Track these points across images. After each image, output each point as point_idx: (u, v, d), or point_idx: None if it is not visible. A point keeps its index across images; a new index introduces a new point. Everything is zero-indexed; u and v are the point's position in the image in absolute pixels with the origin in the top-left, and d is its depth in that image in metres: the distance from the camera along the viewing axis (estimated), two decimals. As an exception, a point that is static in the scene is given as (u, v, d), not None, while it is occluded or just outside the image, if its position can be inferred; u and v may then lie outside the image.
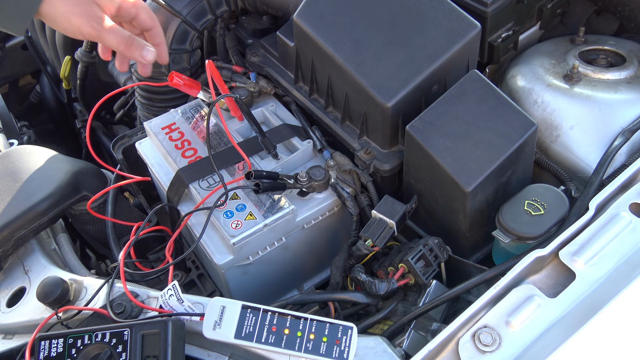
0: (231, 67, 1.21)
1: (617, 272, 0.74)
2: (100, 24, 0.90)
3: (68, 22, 0.90)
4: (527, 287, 0.74)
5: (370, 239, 0.90)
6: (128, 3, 0.96)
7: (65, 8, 0.88)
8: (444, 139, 0.87)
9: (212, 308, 0.76)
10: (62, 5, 0.88)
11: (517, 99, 1.02)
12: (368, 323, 0.86)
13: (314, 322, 0.75)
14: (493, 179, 0.86)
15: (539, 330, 0.71)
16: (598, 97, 0.95)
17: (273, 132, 1.07)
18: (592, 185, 0.84)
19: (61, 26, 0.91)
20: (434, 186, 0.90)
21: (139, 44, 0.94)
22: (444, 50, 0.92)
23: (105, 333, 0.75)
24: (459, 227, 0.90)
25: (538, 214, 0.83)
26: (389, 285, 0.85)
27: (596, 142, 0.92)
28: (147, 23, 0.98)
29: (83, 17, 0.89)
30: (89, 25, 0.90)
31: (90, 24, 0.90)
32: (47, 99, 1.85)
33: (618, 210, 0.77)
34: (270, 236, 0.96)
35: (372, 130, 0.98)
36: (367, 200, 1.00)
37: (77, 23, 0.89)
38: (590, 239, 0.76)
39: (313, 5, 1.01)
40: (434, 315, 0.87)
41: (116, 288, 0.87)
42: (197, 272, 1.15)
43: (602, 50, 1.05)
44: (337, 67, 0.97)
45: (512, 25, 1.07)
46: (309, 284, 1.12)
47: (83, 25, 0.89)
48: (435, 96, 0.92)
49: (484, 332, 0.72)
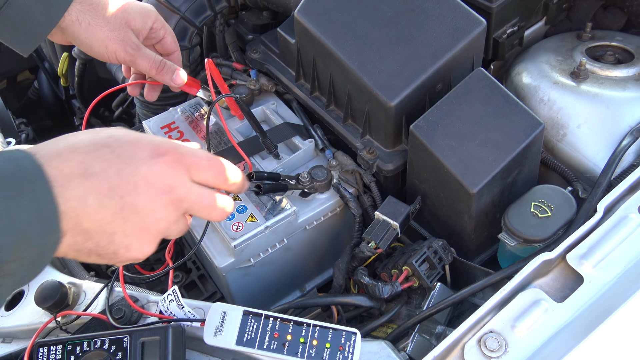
0: (231, 65, 1.19)
1: (626, 276, 0.72)
2: (135, 49, 0.92)
3: (104, 48, 0.91)
4: (534, 291, 0.73)
5: (374, 241, 0.88)
6: (158, 25, 0.97)
7: (102, 34, 0.90)
8: (448, 139, 0.85)
9: (213, 314, 0.75)
10: (100, 32, 0.90)
11: (523, 96, 1.00)
12: (372, 327, 0.85)
13: (317, 328, 0.74)
14: (499, 180, 0.84)
15: (546, 335, 0.70)
16: (606, 94, 0.93)
17: (274, 131, 1.05)
18: (600, 187, 0.82)
19: (96, 51, 0.93)
20: (439, 187, 0.88)
21: (170, 67, 0.96)
22: (449, 48, 0.90)
23: (104, 340, 0.74)
24: (464, 229, 0.89)
25: (545, 216, 0.82)
26: (392, 288, 0.84)
27: (604, 142, 0.91)
28: (171, 47, 1.01)
29: (119, 42, 0.91)
30: (123, 51, 0.91)
31: (125, 50, 0.91)
32: (45, 95, 1.83)
33: (627, 212, 0.76)
34: (272, 238, 0.95)
35: (375, 129, 0.96)
36: (370, 201, 0.98)
37: (113, 49, 0.91)
38: (598, 242, 0.74)
39: (314, 1, 0.99)
40: (438, 318, 0.86)
41: (116, 292, 0.86)
42: (197, 272, 1.14)
43: (609, 47, 1.03)
44: (339, 65, 0.95)
45: (518, 21, 1.04)
46: (311, 284, 1.11)
47: (119, 50, 0.91)
48: (439, 95, 0.90)
49: (490, 337, 0.71)
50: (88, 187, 0.56)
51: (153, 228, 0.61)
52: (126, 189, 0.59)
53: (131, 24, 0.92)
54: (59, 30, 0.90)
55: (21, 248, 0.51)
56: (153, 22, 0.96)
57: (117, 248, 0.60)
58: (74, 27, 0.89)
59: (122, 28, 0.91)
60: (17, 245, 0.50)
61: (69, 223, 0.55)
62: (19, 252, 0.51)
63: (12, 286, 0.53)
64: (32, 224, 0.51)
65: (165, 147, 0.63)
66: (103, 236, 0.58)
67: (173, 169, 0.63)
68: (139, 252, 0.62)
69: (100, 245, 0.58)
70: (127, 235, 0.60)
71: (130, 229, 0.60)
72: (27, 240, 0.51)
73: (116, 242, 0.59)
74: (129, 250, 0.61)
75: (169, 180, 0.62)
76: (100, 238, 0.58)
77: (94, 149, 0.58)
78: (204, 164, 0.66)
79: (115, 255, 0.60)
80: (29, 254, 0.52)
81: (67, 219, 0.54)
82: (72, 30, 0.90)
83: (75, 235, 0.56)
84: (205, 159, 0.66)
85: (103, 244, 0.58)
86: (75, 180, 0.55)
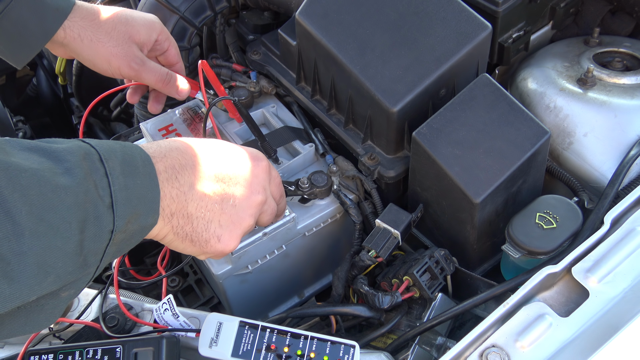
0: (231, 66, 1.17)
1: (633, 292, 0.70)
2: (139, 64, 0.91)
3: (108, 64, 0.91)
4: (538, 304, 0.71)
5: (374, 250, 0.86)
6: (162, 37, 0.96)
7: (105, 50, 0.89)
8: (452, 146, 0.83)
9: (209, 324, 0.73)
10: (103, 48, 0.89)
11: (528, 103, 0.98)
12: (371, 337, 0.83)
13: (315, 340, 0.72)
14: (503, 190, 0.82)
15: (550, 351, 0.68)
16: (613, 102, 0.91)
17: (273, 135, 1.03)
18: (607, 198, 0.80)
19: (100, 67, 0.92)
20: (441, 195, 0.86)
21: (175, 79, 0.96)
22: (453, 53, 0.88)
23: (97, 350, 0.72)
24: (467, 238, 0.87)
25: (550, 228, 0.80)
26: (393, 299, 0.82)
27: (611, 151, 0.89)
28: (175, 58, 1.00)
29: (122, 58, 0.90)
30: (128, 66, 0.91)
31: (129, 65, 0.91)
32: (44, 93, 1.81)
33: (634, 225, 0.74)
34: (270, 245, 0.93)
35: (377, 134, 0.94)
36: (371, 208, 0.96)
37: (116, 65, 0.91)
38: (604, 255, 0.72)
39: (316, 3, 0.97)
40: (439, 330, 0.84)
41: (110, 299, 0.84)
42: (194, 277, 1.12)
43: (617, 53, 1.01)
44: (341, 69, 0.93)
45: (524, 25, 1.02)
46: (310, 290, 1.09)
47: (122, 66, 0.91)
48: (443, 100, 0.88)
49: (492, 352, 0.69)
50: (198, 175, 0.65)
51: (244, 223, 0.70)
52: (229, 181, 0.68)
53: (135, 38, 0.91)
54: (61, 46, 0.90)
55: (131, 221, 0.57)
56: (158, 35, 0.95)
57: (210, 237, 0.67)
58: (76, 43, 0.88)
59: (126, 43, 0.90)
60: (129, 218, 0.57)
61: (178, 206, 0.63)
62: (128, 224, 0.57)
63: (113, 256, 0.59)
64: (142, 201, 0.58)
65: (261, 155, 0.75)
66: (201, 222, 0.65)
67: (266, 175, 0.74)
68: (226, 245, 0.68)
69: (197, 231, 0.66)
70: (221, 225, 0.67)
71: (225, 220, 0.67)
72: (136, 216, 0.58)
73: (210, 230, 0.66)
74: (220, 240, 0.67)
75: (263, 183, 0.72)
76: (199, 224, 0.65)
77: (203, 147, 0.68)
78: (278, 180, 0.79)
79: (206, 244, 0.67)
80: (133, 227, 0.58)
81: (176, 203, 0.63)
82: (74, 46, 0.89)
83: (180, 218, 0.64)
84: (279, 176, 0.79)
85: (199, 230, 0.66)
86: (188, 170, 0.64)
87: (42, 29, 0.85)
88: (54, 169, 0.52)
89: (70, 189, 0.52)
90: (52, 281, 0.51)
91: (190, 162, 0.65)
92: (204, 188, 0.65)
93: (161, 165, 0.62)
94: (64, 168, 0.52)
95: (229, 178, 0.68)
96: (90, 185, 0.54)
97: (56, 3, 0.86)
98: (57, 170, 0.52)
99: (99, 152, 0.56)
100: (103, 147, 0.57)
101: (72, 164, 0.53)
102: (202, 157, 0.67)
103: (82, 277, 0.55)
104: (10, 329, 0.52)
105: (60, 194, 0.51)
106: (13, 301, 0.49)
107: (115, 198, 0.55)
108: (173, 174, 0.63)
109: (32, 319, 0.53)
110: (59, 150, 0.54)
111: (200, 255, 0.70)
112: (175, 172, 0.63)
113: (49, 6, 0.85)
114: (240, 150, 0.73)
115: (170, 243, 0.67)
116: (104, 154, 0.56)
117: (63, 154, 0.54)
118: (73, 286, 0.55)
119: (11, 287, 0.48)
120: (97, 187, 0.54)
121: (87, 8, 0.90)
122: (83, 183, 0.53)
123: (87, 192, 0.53)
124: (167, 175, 0.62)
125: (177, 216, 0.64)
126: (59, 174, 0.52)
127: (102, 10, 0.91)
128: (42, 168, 0.51)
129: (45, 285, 0.51)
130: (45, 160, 0.52)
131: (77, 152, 0.55)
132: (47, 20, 0.85)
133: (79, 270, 0.54)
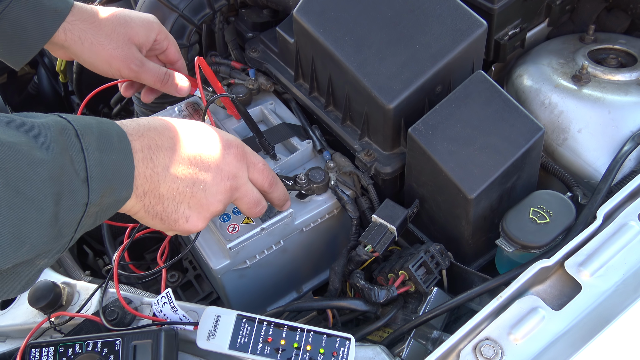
0: (229, 63, 1.18)
1: (624, 285, 0.71)
2: (139, 66, 0.93)
3: (108, 66, 0.92)
4: (531, 298, 0.72)
5: (370, 245, 0.87)
6: (161, 37, 0.97)
7: (106, 53, 0.90)
8: (447, 143, 0.84)
9: (207, 317, 0.74)
10: (103, 50, 0.90)
11: (524, 99, 0.99)
12: (367, 331, 0.84)
13: (311, 333, 0.73)
14: (497, 185, 0.83)
15: (543, 343, 0.69)
16: (608, 99, 0.92)
17: (272, 131, 1.04)
18: (600, 193, 0.81)
19: (100, 69, 0.93)
20: (437, 191, 0.87)
21: (174, 78, 0.97)
22: (449, 50, 0.89)
23: (96, 342, 0.73)
24: (462, 233, 0.88)
25: (543, 222, 0.81)
26: (388, 293, 0.83)
27: (605, 147, 0.89)
28: (175, 56, 1.01)
29: (122, 60, 0.91)
30: (127, 68, 0.92)
31: (129, 67, 0.92)
32: (45, 90, 1.82)
33: (626, 220, 0.75)
34: (268, 240, 0.94)
35: (374, 131, 0.95)
36: (368, 203, 0.97)
37: (116, 66, 0.92)
38: (597, 250, 0.73)
39: (314, 1, 0.98)
40: (434, 323, 0.85)
41: (110, 293, 0.85)
42: (194, 272, 1.13)
43: (612, 50, 1.01)
44: (338, 66, 0.94)
45: (520, 22, 1.03)
46: (308, 286, 1.10)
47: (122, 68, 0.92)
48: (438, 97, 0.89)
49: (486, 345, 0.70)
50: (172, 158, 0.67)
51: (212, 207, 0.72)
52: (201, 166, 0.70)
53: (134, 39, 0.92)
54: (61, 48, 0.90)
55: (105, 195, 0.59)
56: (156, 34, 0.96)
57: (179, 217, 0.69)
58: (76, 46, 0.89)
59: (125, 45, 0.91)
60: (104, 192, 0.59)
61: (151, 186, 0.65)
62: (103, 198, 0.59)
63: (87, 227, 0.61)
64: (117, 176, 0.60)
65: (234, 142, 0.75)
66: (172, 204, 0.68)
67: (239, 161, 0.74)
68: (194, 226, 0.71)
69: (167, 212, 0.68)
70: (190, 207, 0.70)
71: (194, 203, 0.70)
72: (111, 190, 0.60)
73: (179, 211, 0.69)
74: (187, 221, 0.70)
75: (234, 169, 0.73)
76: (169, 205, 0.68)
77: (180, 128, 0.69)
78: (260, 166, 0.79)
79: (174, 223, 0.70)
80: (107, 201, 0.60)
81: (149, 183, 0.65)
82: (74, 49, 0.90)
83: (151, 198, 0.66)
84: (261, 162, 0.79)
85: (169, 210, 0.68)
86: (163, 152, 0.66)
87: (40, 31, 0.86)
88: (31, 143, 0.53)
89: (46, 162, 0.53)
90: (27, 250, 0.54)
91: (166, 143, 0.67)
92: (177, 171, 0.67)
93: (138, 144, 0.64)
94: (40, 143, 0.54)
95: (202, 162, 0.70)
96: (66, 159, 0.55)
97: (54, 4, 0.86)
98: (33, 145, 0.53)
99: (75, 128, 0.57)
100: (79, 122, 0.58)
101: (48, 138, 0.55)
102: (178, 140, 0.68)
103: (57, 247, 0.57)
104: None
105: (37, 168, 0.53)
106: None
107: (91, 173, 0.57)
108: (148, 154, 0.64)
109: (8, 284, 0.56)
110: (36, 125, 0.55)
111: (168, 231, 0.73)
112: (150, 153, 0.65)
113: (47, 7, 0.85)
114: (215, 135, 0.73)
115: (141, 219, 0.69)
116: (80, 129, 0.58)
117: (40, 128, 0.55)
118: (48, 255, 0.57)
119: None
120: (72, 161, 0.56)
121: (86, 10, 0.91)
122: (59, 157, 0.55)
123: (62, 166, 0.55)
124: (143, 155, 0.64)
125: (149, 195, 0.66)
126: (35, 148, 0.53)
127: (101, 11, 0.92)
128: (19, 142, 0.53)
129: (21, 255, 0.53)
130: (22, 135, 0.53)
131: (54, 126, 0.56)
132: (46, 22, 0.86)
133: (54, 240, 0.56)
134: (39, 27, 0.85)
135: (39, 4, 0.85)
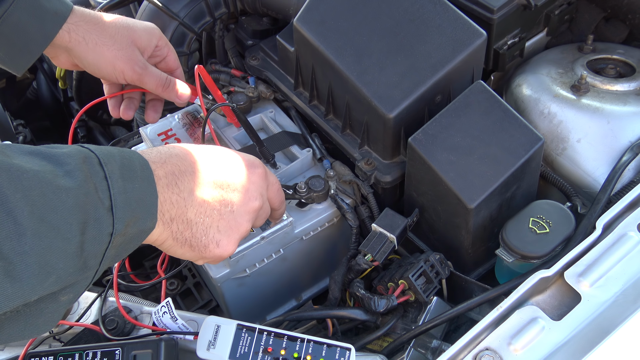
0: (229, 71, 1.18)
1: (624, 295, 0.71)
2: (142, 68, 0.93)
3: (112, 67, 0.91)
4: (531, 308, 0.72)
5: (370, 254, 0.88)
6: (162, 43, 0.97)
7: (110, 53, 0.90)
8: (447, 152, 0.84)
9: (207, 327, 0.74)
10: (108, 51, 0.90)
11: (523, 109, 0.99)
12: (367, 340, 0.84)
13: (311, 343, 0.73)
14: (497, 195, 0.83)
15: (542, 354, 0.69)
16: (606, 109, 0.92)
17: (271, 140, 1.04)
18: (599, 203, 0.82)
19: (104, 71, 0.93)
20: (436, 200, 0.88)
21: (175, 84, 0.97)
22: (449, 60, 0.89)
23: (96, 352, 0.73)
24: (461, 243, 0.88)
25: (543, 232, 0.81)
26: (388, 302, 0.83)
27: (604, 157, 0.90)
28: (174, 64, 1.01)
29: (126, 62, 0.91)
30: (131, 70, 0.91)
31: (132, 69, 0.91)
32: (44, 96, 1.82)
33: (626, 230, 0.75)
34: (268, 248, 0.94)
35: (374, 140, 0.96)
36: (368, 212, 0.98)
37: (120, 68, 0.91)
38: (596, 260, 0.73)
39: (314, 10, 0.98)
40: (434, 333, 0.85)
41: (109, 302, 0.85)
42: (193, 280, 1.13)
43: (610, 60, 1.02)
44: (338, 75, 0.94)
45: (519, 32, 1.04)
46: (307, 294, 1.10)
47: (126, 69, 0.91)
48: (438, 107, 0.89)
49: (486, 355, 0.70)
50: (197, 181, 0.66)
51: (242, 228, 0.71)
52: (227, 187, 0.69)
53: (137, 42, 0.92)
54: (64, 51, 0.90)
55: (130, 224, 0.58)
56: (158, 40, 0.96)
57: (209, 242, 0.68)
58: (80, 47, 0.89)
59: (129, 47, 0.91)
60: (128, 221, 0.58)
61: (178, 211, 0.64)
62: (128, 228, 0.58)
63: (112, 260, 0.59)
64: (140, 204, 0.59)
65: (257, 162, 0.76)
66: (201, 228, 0.67)
67: (263, 182, 0.75)
68: (225, 250, 0.70)
69: (196, 237, 0.67)
70: (219, 231, 0.69)
71: (223, 225, 0.69)
72: (135, 219, 0.59)
73: (209, 235, 0.68)
74: (218, 245, 0.69)
75: (260, 189, 0.74)
76: (198, 229, 0.67)
77: (202, 153, 0.69)
78: (277, 186, 0.80)
79: (205, 249, 0.68)
80: (132, 231, 0.59)
81: (176, 208, 0.64)
82: (78, 50, 0.89)
83: (179, 224, 0.65)
84: (277, 182, 0.81)
85: (199, 235, 0.67)
86: (188, 176, 0.65)
87: (41, 33, 0.85)
88: (55, 171, 0.53)
89: (71, 190, 0.53)
90: (54, 282, 0.52)
91: (189, 168, 0.66)
92: (203, 194, 0.67)
93: (161, 171, 0.63)
94: (64, 170, 0.54)
95: (227, 185, 0.70)
96: (90, 187, 0.55)
97: (54, 7, 0.86)
98: (57, 173, 0.53)
99: (98, 156, 0.57)
100: (102, 151, 0.58)
101: (72, 166, 0.54)
102: (201, 164, 0.68)
103: (82, 280, 0.56)
104: (9, 332, 0.53)
105: (62, 195, 0.52)
106: (15, 300, 0.49)
107: (115, 201, 0.56)
108: (173, 180, 0.64)
109: (31, 322, 0.54)
110: (59, 154, 0.55)
111: (198, 260, 0.71)
112: (175, 178, 0.64)
113: (48, 10, 0.85)
114: (238, 157, 0.74)
115: (169, 249, 0.67)
116: (103, 158, 0.58)
117: (63, 157, 0.55)
118: (72, 289, 0.56)
119: (14, 286, 0.49)
120: (97, 189, 0.55)
121: (89, 13, 0.91)
122: (83, 185, 0.54)
123: (87, 194, 0.54)
124: (167, 181, 0.63)
125: (176, 221, 0.65)
126: (59, 176, 0.53)
127: (104, 15, 0.92)
128: (44, 170, 0.52)
129: (47, 286, 0.52)
130: (46, 163, 0.53)
131: (77, 155, 0.56)
132: (47, 24, 0.85)
133: (79, 272, 0.55)
134: (40, 30, 0.85)
135: (39, 7, 0.84)
